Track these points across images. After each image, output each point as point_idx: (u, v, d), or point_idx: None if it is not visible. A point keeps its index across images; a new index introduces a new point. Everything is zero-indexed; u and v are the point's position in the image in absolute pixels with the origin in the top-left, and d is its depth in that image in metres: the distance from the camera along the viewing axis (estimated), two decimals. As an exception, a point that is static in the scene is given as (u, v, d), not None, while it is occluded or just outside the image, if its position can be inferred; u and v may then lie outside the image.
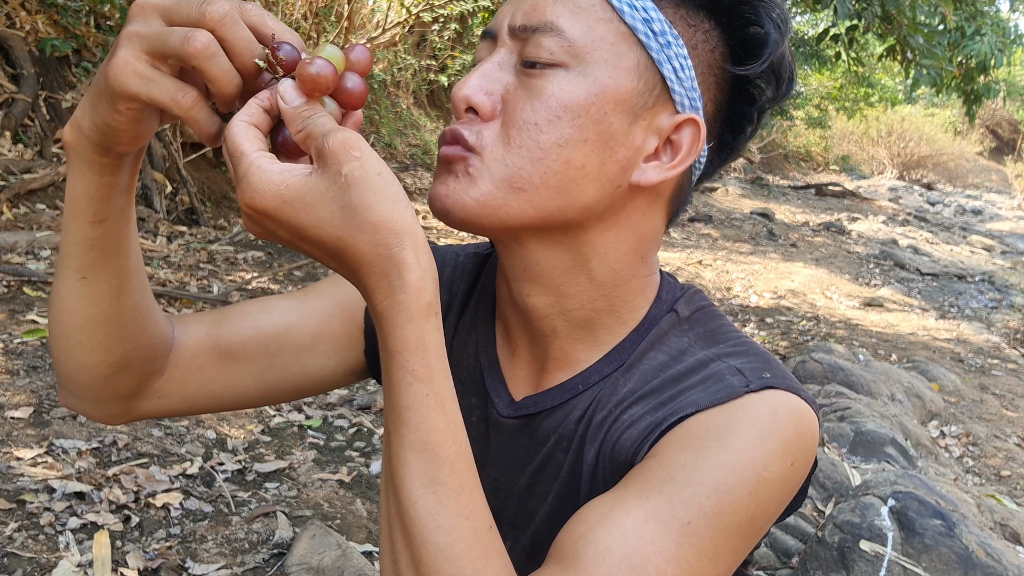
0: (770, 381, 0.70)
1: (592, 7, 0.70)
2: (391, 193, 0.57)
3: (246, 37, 0.59)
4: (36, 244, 3.91)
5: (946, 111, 22.67)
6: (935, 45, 5.11)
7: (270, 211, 0.57)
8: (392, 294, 0.58)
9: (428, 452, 0.59)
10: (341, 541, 2.23)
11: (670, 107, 0.72)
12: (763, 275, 7.15)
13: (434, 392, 0.59)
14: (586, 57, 0.69)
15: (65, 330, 0.74)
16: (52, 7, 4.95)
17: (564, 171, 0.69)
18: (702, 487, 0.63)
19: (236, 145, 0.58)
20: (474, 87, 0.71)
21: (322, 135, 0.57)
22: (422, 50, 8.63)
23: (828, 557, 2.23)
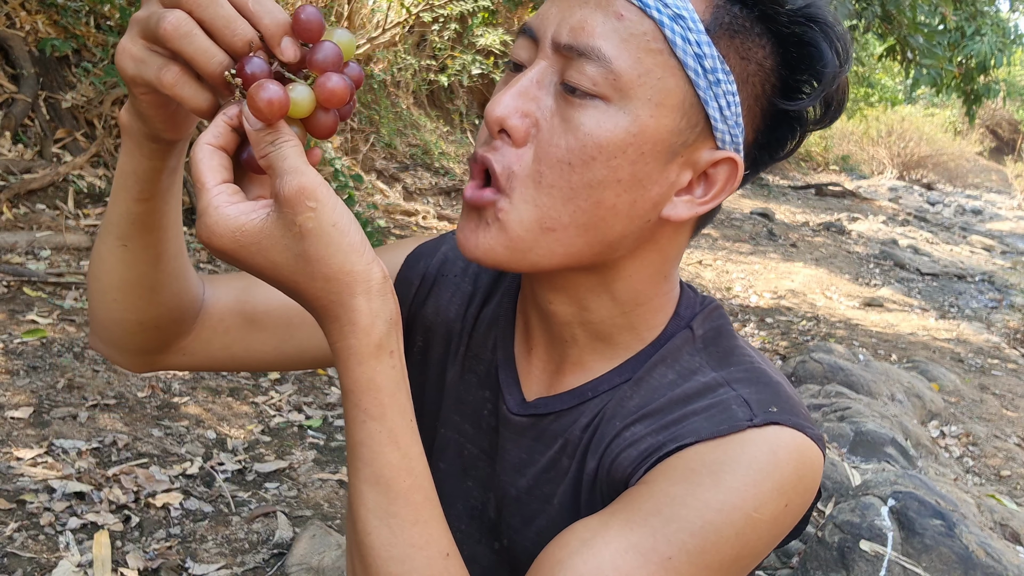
0: (776, 416, 0.68)
1: (643, 35, 0.65)
2: (344, 244, 0.58)
3: (224, 15, 0.57)
4: (36, 244, 3.91)
5: (946, 111, 22.67)
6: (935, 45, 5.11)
7: (227, 251, 0.58)
8: (343, 338, 0.60)
9: (382, 486, 0.61)
10: (341, 541, 2.23)
11: (710, 143, 0.70)
12: (763, 275, 7.15)
13: (387, 429, 0.61)
14: (630, 92, 0.65)
15: (102, 286, 0.77)
16: (52, 7, 4.95)
17: (594, 211, 0.67)
18: (687, 524, 0.63)
19: (198, 175, 0.58)
20: (510, 108, 0.67)
21: (280, 174, 0.56)
22: (422, 50, 8.63)
23: (828, 557, 2.23)
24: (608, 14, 0.65)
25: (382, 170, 7.31)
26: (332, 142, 6.51)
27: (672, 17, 0.65)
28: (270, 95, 0.55)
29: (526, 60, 0.70)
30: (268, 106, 0.55)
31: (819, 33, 0.69)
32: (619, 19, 0.65)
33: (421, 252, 0.92)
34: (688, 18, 0.65)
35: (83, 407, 2.75)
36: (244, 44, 0.57)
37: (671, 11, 0.65)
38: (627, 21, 0.65)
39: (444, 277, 0.90)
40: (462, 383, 0.87)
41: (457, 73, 8.25)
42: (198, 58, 0.57)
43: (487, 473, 0.84)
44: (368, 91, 7.81)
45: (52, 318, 3.32)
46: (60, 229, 4.06)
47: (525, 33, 0.71)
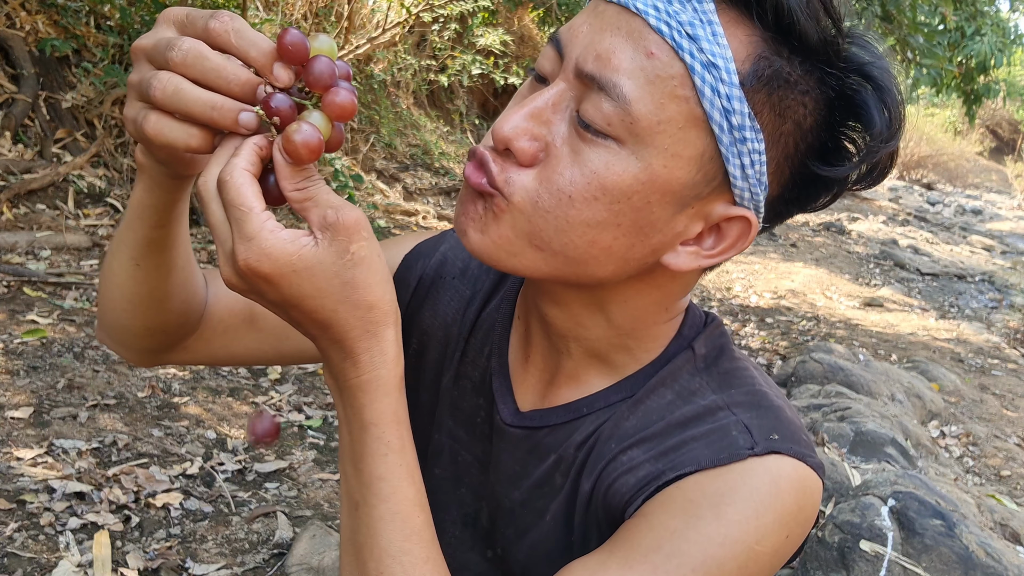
0: (777, 445, 0.66)
1: (671, 79, 0.60)
2: (386, 274, 0.59)
3: (214, 67, 0.56)
4: (36, 244, 3.91)
5: (946, 111, 22.67)
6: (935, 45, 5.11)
7: (273, 277, 0.57)
8: (373, 368, 0.60)
9: (398, 522, 0.60)
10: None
11: (727, 197, 0.65)
12: (763, 275, 7.15)
13: (406, 463, 0.61)
14: (645, 139, 0.61)
15: (112, 296, 0.78)
16: (52, 7, 4.95)
17: (586, 248, 0.64)
18: (689, 559, 0.62)
19: (243, 199, 0.56)
20: (520, 129, 0.63)
21: (331, 206, 0.57)
22: (422, 50, 8.63)
23: (828, 557, 2.23)
24: (638, 49, 0.60)
25: (382, 170, 7.31)
26: (332, 142, 6.51)
27: (705, 64, 0.60)
28: (306, 138, 0.55)
29: (549, 73, 0.66)
30: (306, 149, 0.56)
31: (871, 96, 0.64)
32: (649, 57, 0.60)
33: (419, 252, 0.91)
34: (723, 68, 0.60)
35: (83, 407, 2.75)
36: (245, 89, 0.57)
37: (705, 57, 0.60)
38: (657, 61, 0.60)
39: (442, 279, 0.89)
40: (457, 388, 0.86)
41: (457, 73, 8.25)
42: (196, 112, 0.57)
43: (480, 481, 0.83)
44: (368, 91, 7.81)
45: (52, 318, 3.32)
46: (60, 229, 4.06)
47: (552, 43, 0.67)
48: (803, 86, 0.63)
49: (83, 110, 4.88)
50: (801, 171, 0.67)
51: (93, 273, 3.85)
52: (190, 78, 0.57)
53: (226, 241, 0.57)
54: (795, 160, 0.66)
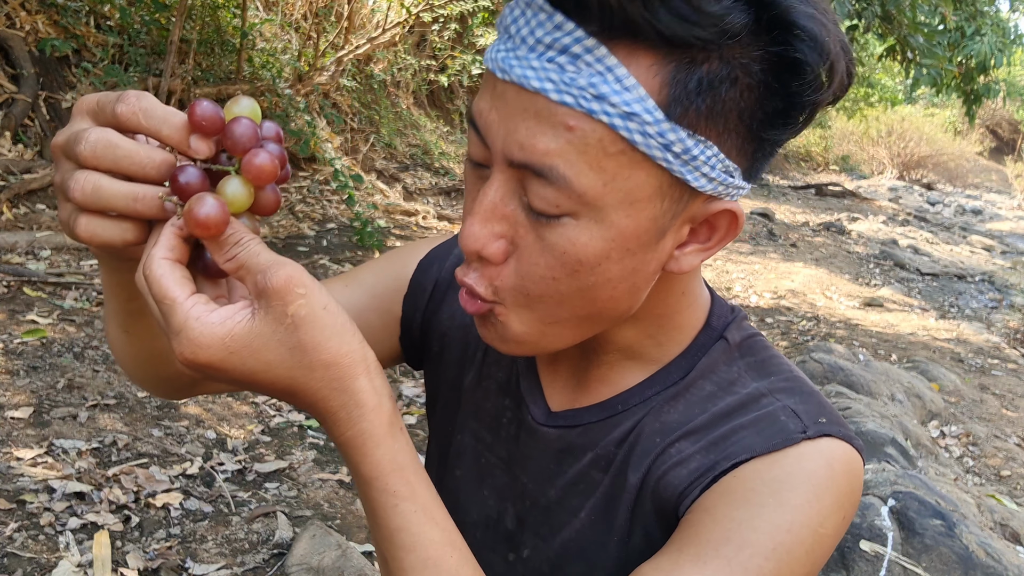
0: (827, 428, 0.68)
1: (599, 142, 0.57)
2: (338, 326, 0.56)
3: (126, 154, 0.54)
4: (36, 244, 3.91)
5: (946, 111, 22.67)
6: (935, 45, 5.11)
7: (215, 363, 0.55)
8: (353, 424, 0.57)
9: (430, 569, 0.58)
10: (341, 541, 2.24)
11: (702, 197, 0.63)
12: (763, 275, 7.15)
13: (421, 507, 0.59)
14: (598, 203, 0.59)
15: (119, 356, 0.78)
16: (52, 7, 4.95)
17: (591, 306, 0.64)
18: (760, 548, 0.62)
19: (164, 292, 0.54)
20: (481, 237, 0.62)
21: (259, 270, 0.54)
22: (422, 50, 8.63)
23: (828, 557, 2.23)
24: (556, 126, 0.57)
25: (382, 170, 7.31)
26: (332, 142, 6.51)
27: (624, 116, 0.57)
28: (207, 211, 0.53)
29: (483, 160, 0.64)
30: (206, 222, 0.53)
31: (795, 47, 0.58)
32: (569, 131, 0.57)
33: (434, 256, 0.90)
34: (642, 111, 0.57)
35: (83, 407, 2.75)
36: (162, 169, 0.55)
37: (620, 110, 0.57)
38: (578, 131, 0.57)
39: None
40: (480, 389, 0.85)
41: (457, 73, 8.25)
42: (119, 206, 0.55)
43: (504, 482, 0.82)
44: (368, 91, 7.81)
45: (52, 318, 3.32)
46: (60, 229, 4.06)
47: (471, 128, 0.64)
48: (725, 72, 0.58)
49: (83, 110, 4.88)
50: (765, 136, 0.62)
51: (93, 273, 3.85)
52: (104, 170, 0.54)
53: (167, 336, 0.55)
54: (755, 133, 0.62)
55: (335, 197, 6.18)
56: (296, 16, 7.29)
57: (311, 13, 7.01)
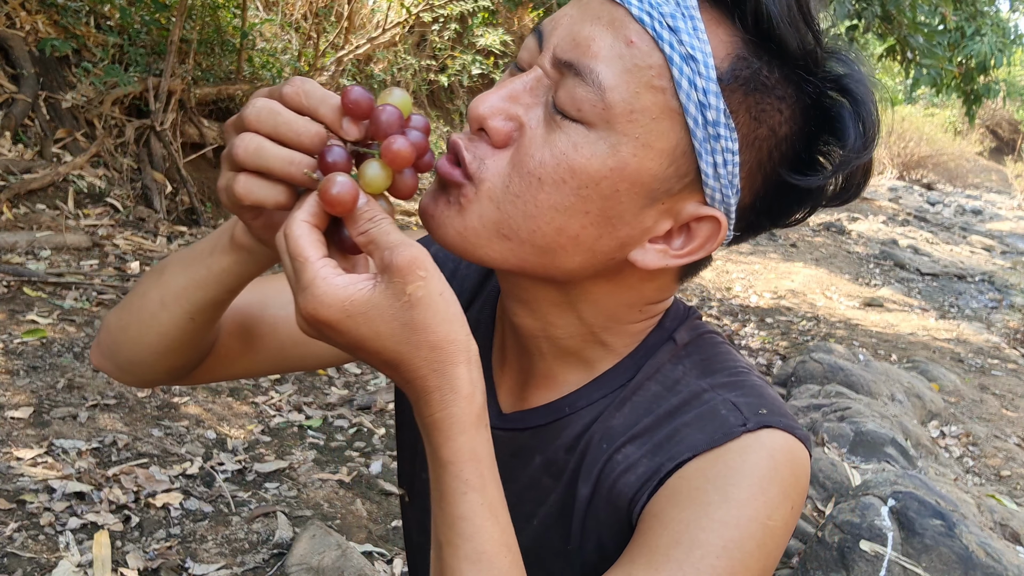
0: (767, 419, 0.67)
1: (648, 68, 0.60)
2: (450, 314, 0.58)
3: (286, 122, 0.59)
4: (36, 244, 3.91)
5: (946, 111, 22.67)
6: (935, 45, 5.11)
7: (332, 323, 0.57)
8: (445, 407, 0.58)
9: (483, 563, 0.59)
10: (341, 541, 2.24)
11: (698, 196, 0.65)
12: (763, 275, 7.15)
13: (487, 501, 0.59)
14: (616, 126, 0.61)
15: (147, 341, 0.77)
16: (52, 7, 4.95)
17: (554, 236, 0.64)
18: (711, 547, 0.62)
19: (299, 250, 0.57)
20: (495, 109, 0.64)
21: (388, 247, 0.57)
22: (422, 50, 8.63)
23: (828, 557, 2.23)
24: (618, 37, 0.61)
25: (382, 170, 7.30)
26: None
27: (684, 56, 0.60)
28: (338, 190, 0.57)
29: (526, 63, 0.67)
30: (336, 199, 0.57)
31: (847, 107, 0.64)
32: (628, 45, 0.60)
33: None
34: (702, 61, 0.60)
35: (83, 407, 2.75)
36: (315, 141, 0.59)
37: (685, 49, 0.60)
38: (636, 49, 0.60)
39: None
40: None
41: (457, 73, 8.25)
42: (275, 167, 0.59)
43: None
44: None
45: (52, 318, 3.32)
46: (60, 229, 4.06)
47: (534, 34, 0.67)
48: (780, 92, 0.63)
49: (83, 110, 4.88)
50: (774, 180, 0.66)
51: (93, 273, 3.85)
52: (264, 134, 0.59)
53: (294, 292, 0.59)
54: (768, 168, 0.66)
55: (335, 197, 6.18)
56: (296, 16, 7.28)
57: (311, 13, 7.00)
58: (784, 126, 0.64)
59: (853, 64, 0.66)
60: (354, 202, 0.58)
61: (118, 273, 3.93)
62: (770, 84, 0.63)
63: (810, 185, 0.66)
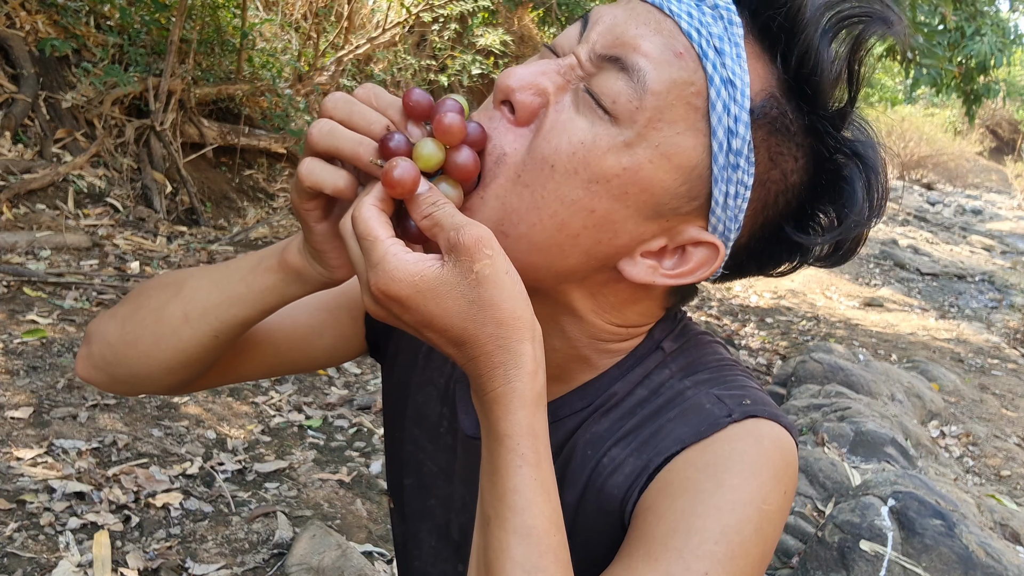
0: (751, 409, 0.67)
1: (690, 84, 0.60)
2: (516, 291, 0.58)
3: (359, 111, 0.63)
4: (36, 244, 3.91)
5: (946, 111, 22.66)
6: (935, 45, 5.11)
7: (402, 299, 0.58)
8: (508, 381, 0.59)
9: (532, 538, 0.58)
10: (341, 541, 2.24)
11: (702, 222, 0.65)
12: (763, 275, 7.15)
13: (541, 478, 0.59)
14: (641, 128, 0.61)
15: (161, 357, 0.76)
16: (52, 7, 4.95)
17: (554, 232, 0.63)
18: (708, 533, 0.61)
19: (369, 229, 0.58)
20: (525, 82, 0.63)
21: (454, 228, 0.58)
22: (422, 50, 8.63)
23: (828, 557, 2.23)
24: (668, 46, 0.61)
25: (382, 170, 7.30)
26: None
27: (724, 80, 0.60)
28: (400, 172, 0.59)
29: (563, 50, 0.66)
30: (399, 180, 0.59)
31: (859, 174, 0.64)
32: (677, 57, 0.60)
33: None
34: (739, 89, 0.60)
35: (83, 407, 2.75)
36: (382, 131, 0.62)
37: (726, 73, 0.60)
38: (684, 63, 0.60)
39: None
40: (422, 395, 0.85)
41: (457, 73, 8.24)
42: (344, 148, 0.62)
43: (447, 493, 0.82)
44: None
45: (52, 318, 3.32)
46: (60, 229, 4.06)
47: (580, 21, 0.66)
48: (800, 140, 0.64)
49: (83, 110, 4.88)
50: (773, 226, 0.67)
51: (93, 273, 3.85)
52: (338, 120, 0.63)
53: (362, 273, 0.59)
54: (771, 212, 0.66)
55: (335, 197, 6.18)
56: (296, 16, 7.28)
57: (311, 13, 7.00)
58: (795, 175, 0.65)
59: (869, 133, 0.66)
60: (415, 183, 0.60)
61: (118, 273, 3.93)
62: (793, 130, 0.63)
63: (808, 244, 0.67)
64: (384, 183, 0.60)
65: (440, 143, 0.62)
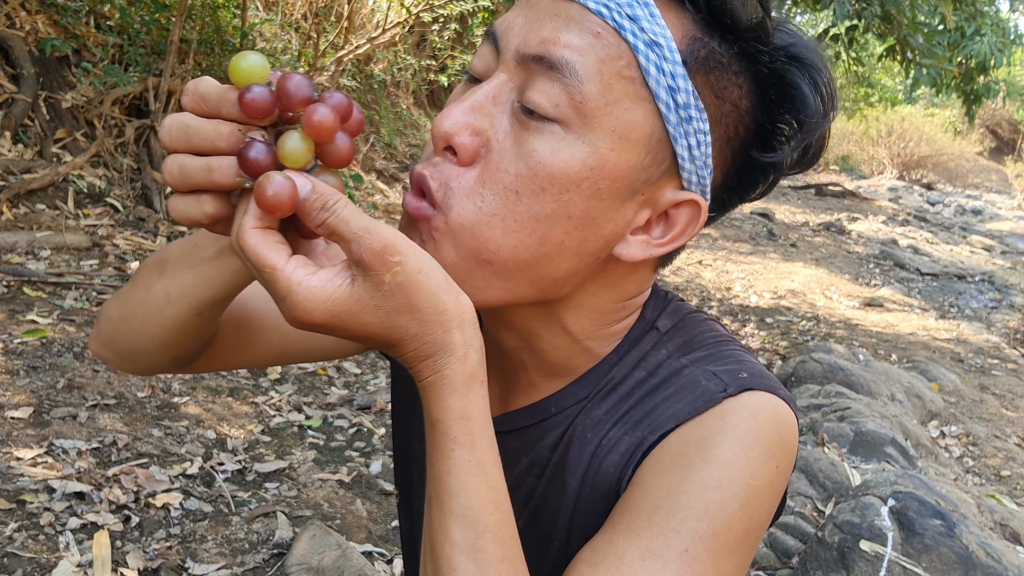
0: (748, 382, 0.67)
1: (618, 59, 0.60)
2: (433, 287, 0.57)
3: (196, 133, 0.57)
4: (36, 244, 3.91)
5: (946, 111, 22.67)
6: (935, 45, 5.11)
7: (320, 325, 0.56)
8: (437, 370, 0.58)
9: (469, 519, 0.59)
10: (341, 541, 2.24)
11: (675, 182, 0.65)
12: (763, 275, 7.15)
13: (476, 459, 0.59)
14: (593, 121, 0.60)
15: (149, 332, 0.75)
16: (52, 7, 4.95)
17: (538, 247, 0.63)
18: (692, 510, 0.61)
19: (262, 260, 0.55)
20: (460, 124, 0.62)
21: (354, 239, 0.55)
22: (422, 50, 8.63)
23: (828, 557, 2.23)
24: (584, 30, 0.60)
25: (382, 170, 7.31)
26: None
27: (648, 43, 0.60)
28: (274, 191, 0.54)
29: (483, 72, 0.65)
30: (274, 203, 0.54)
31: (801, 75, 0.65)
32: (596, 37, 0.60)
33: None
34: (665, 46, 0.60)
35: (83, 407, 2.75)
36: (230, 141, 0.56)
37: (647, 36, 0.60)
38: (603, 40, 0.60)
39: None
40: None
41: (457, 73, 8.24)
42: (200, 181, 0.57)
43: None
44: (368, 91, 7.81)
45: (52, 318, 3.32)
46: (60, 229, 4.06)
47: (488, 39, 0.65)
48: (736, 67, 0.64)
49: (83, 110, 4.88)
50: (742, 156, 0.67)
51: (93, 273, 3.85)
52: (184, 151, 0.57)
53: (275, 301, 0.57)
54: (736, 144, 0.66)
55: (335, 197, 6.19)
56: (296, 16, 7.28)
57: (311, 13, 7.00)
58: (744, 100, 0.65)
59: (799, 35, 0.67)
60: (293, 199, 0.54)
61: (118, 273, 3.92)
62: (726, 61, 0.63)
63: (776, 160, 0.67)
64: (260, 207, 0.54)
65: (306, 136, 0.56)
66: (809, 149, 0.68)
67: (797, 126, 0.66)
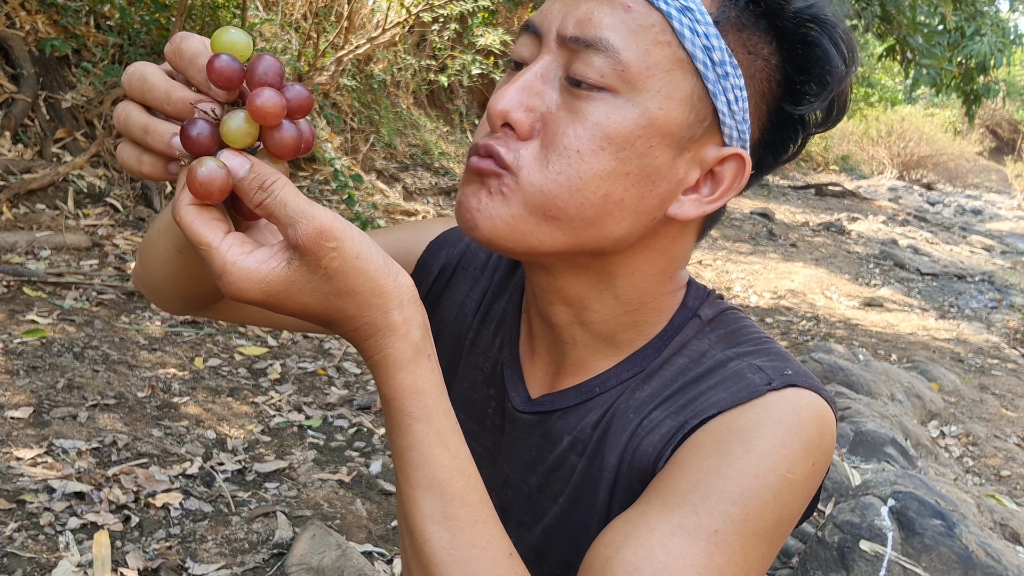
0: (792, 379, 0.69)
1: (651, 27, 0.65)
2: (370, 270, 0.57)
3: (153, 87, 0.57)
4: (36, 244, 3.91)
5: (946, 111, 22.67)
6: (935, 45, 5.11)
7: (258, 302, 0.57)
8: (381, 350, 0.60)
9: (435, 489, 0.60)
10: (341, 541, 2.24)
11: (718, 139, 0.69)
12: (763, 275, 7.15)
13: (434, 430, 0.61)
14: (638, 84, 0.65)
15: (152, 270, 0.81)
16: (52, 7, 4.95)
17: (602, 204, 0.67)
18: (727, 494, 0.63)
19: (198, 237, 0.55)
20: (514, 102, 0.66)
21: (289, 223, 0.55)
22: (422, 50, 8.63)
23: (828, 557, 2.23)
24: (615, 6, 0.65)
25: (382, 170, 7.31)
26: (332, 142, 6.51)
27: (680, 9, 0.65)
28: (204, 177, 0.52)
29: (528, 57, 0.69)
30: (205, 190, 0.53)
31: (822, 33, 0.69)
32: (627, 11, 0.65)
33: (445, 240, 0.92)
34: (696, 10, 0.65)
35: (83, 407, 2.75)
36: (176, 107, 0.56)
37: (678, 3, 0.65)
38: (635, 13, 0.65)
39: (464, 269, 0.90)
40: (468, 379, 0.87)
41: (457, 73, 8.24)
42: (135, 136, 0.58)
43: (488, 473, 0.83)
44: (368, 91, 7.81)
45: (52, 318, 3.32)
46: (60, 229, 4.06)
47: (528, 30, 0.70)
48: (763, 26, 0.69)
49: (83, 110, 4.88)
50: (775, 111, 0.72)
51: (93, 273, 3.85)
52: (138, 102, 0.58)
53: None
54: (769, 99, 0.71)
55: (335, 197, 6.18)
56: (296, 16, 7.28)
57: (311, 13, 7.00)
58: (774, 56, 0.70)
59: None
60: (223, 190, 0.53)
61: (118, 273, 3.92)
62: (754, 20, 0.68)
63: (804, 112, 0.71)
64: (190, 190, 0.53)
65: (250, 118, 0.54)
66: (834, 105, 0.72)
67: (822, 82, 0.70)
